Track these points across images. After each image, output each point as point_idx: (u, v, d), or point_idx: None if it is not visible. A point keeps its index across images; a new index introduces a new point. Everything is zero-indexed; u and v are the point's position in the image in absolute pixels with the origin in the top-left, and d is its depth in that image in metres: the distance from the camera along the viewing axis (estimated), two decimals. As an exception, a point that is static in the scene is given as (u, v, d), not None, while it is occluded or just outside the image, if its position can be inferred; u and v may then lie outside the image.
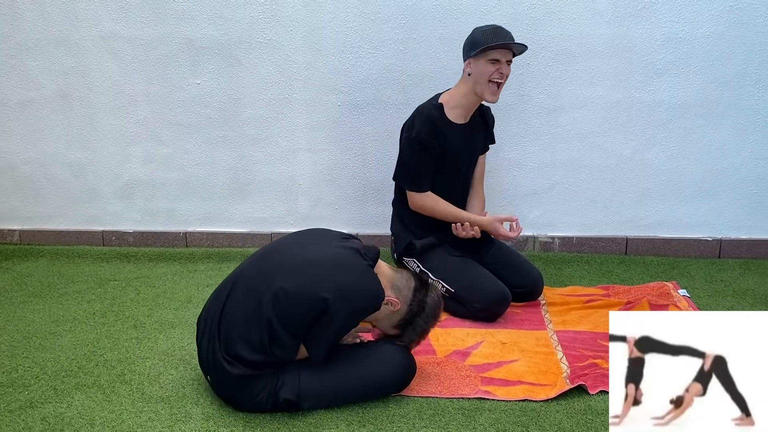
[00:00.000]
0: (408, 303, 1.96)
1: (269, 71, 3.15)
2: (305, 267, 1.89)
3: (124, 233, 3.42)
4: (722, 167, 3.13)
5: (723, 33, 2.97)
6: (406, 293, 1.97)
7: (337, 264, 1.90)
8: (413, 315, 1.97)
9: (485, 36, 2.48)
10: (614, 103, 3.08)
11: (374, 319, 1.99)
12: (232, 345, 1.86)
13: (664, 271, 3.05)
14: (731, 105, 3.05)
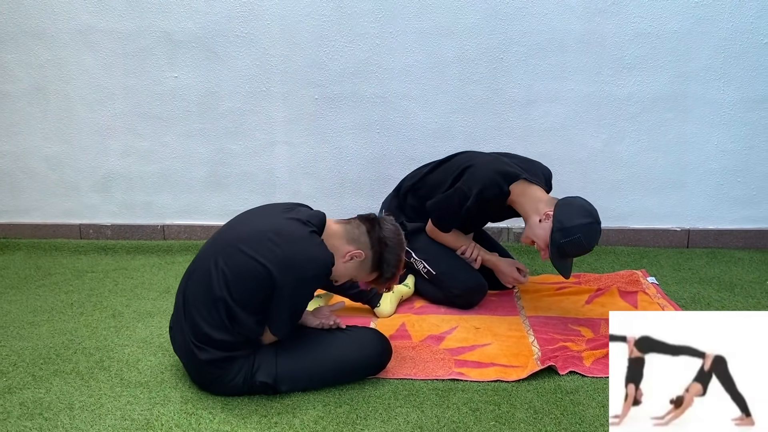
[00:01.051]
0: (370, 247, 1.96)
1: (246, 65, 3.18)
2: (246, 242, 1.87)
3: (102, 226, 3.42)
4: (690, 159, 3.22)
5: (690, 29, 3.06)
6: (364, 239, 1.96)
7: (278, 235, 1.87)
8: (380, 254, 1.96)
9: (569, 244, 2.21)
10: (585, 97, 3.16)
11: (350, 276, 2.01)
12: (198, 328, 1.89)
13: (634, 260, 3.13)
14: (698, 99, 3.14)
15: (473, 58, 3.12)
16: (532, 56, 3.11)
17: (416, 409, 1.89)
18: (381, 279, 2.01)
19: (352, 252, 1.95)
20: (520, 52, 3.11)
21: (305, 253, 1.86)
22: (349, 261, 1.96)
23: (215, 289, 1.86)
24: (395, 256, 1.98)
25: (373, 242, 1.96)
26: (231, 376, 1.91)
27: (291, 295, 1.87)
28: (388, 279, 2.01)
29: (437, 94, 3.17)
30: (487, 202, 2.44)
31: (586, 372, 2.07)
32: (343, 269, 1.97)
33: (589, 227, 2.22)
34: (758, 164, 3.20)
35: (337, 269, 1.96)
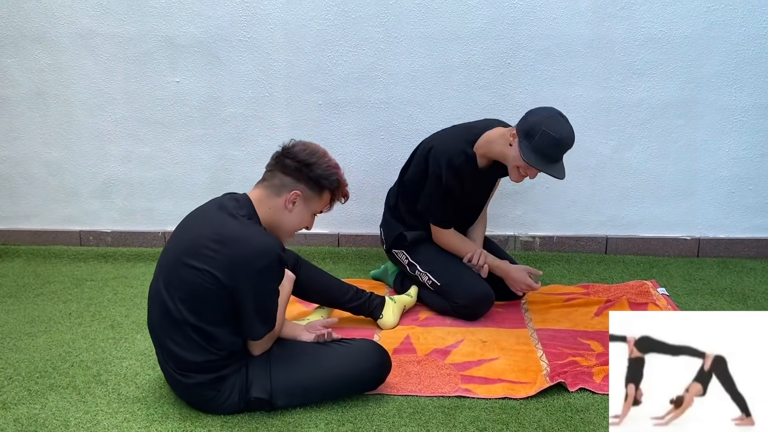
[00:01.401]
0: (297, 180, 1.86)
1: (249, 70, 3.13)
2: (188, 254, 1.78)
3: (102, 233, 3.37)
4: (700, 167, 3.16)
5: (701, 34, 2.99)
6: (287, 179, 1.86)
7: (215, 240, 1.77)
8: (309, 176, 1.86)
9: (539, 142, 2.22)
10: (594, 103, 3.09)
11: (310, 216, 1.93)
12: (176, 356, 1.82)
13: (643, 270, 3.07)
14: (709, 105, 3.08)
15: (480, 63, 3.06)
16: (540, 61, 3.05)
17: (422, 428, 1.83)
18: (336, 193, 1.93)
19: (288, 197, 1.86)
20: (527, 57, 3.05)
21: (247, 248, 1.75)
22: (293, 206, 1.88)
23: (175, 313, 1.79)
24: (323, 163, 1.88)
25: (295, 173, 1.86)
26: (225, 396, 1.85)
27: (252, 295, 1.77)
28: (337, 186, 1.92)
29: (443, 99, 3.12)
30: (460, 172, 2.44)
31: (596, 389, 2.01)
32: (297, 217, 1.90)
33: (549, 118, 2.24)
34: (771, 172, 3.13)
35: (292, 221, 1.90)
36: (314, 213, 1.95)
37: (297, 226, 1.93)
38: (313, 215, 1.95)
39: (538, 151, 2.23)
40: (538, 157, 2.23)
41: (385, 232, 2.73)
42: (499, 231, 3.27)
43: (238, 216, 1.82)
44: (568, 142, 2.26)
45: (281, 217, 1.89)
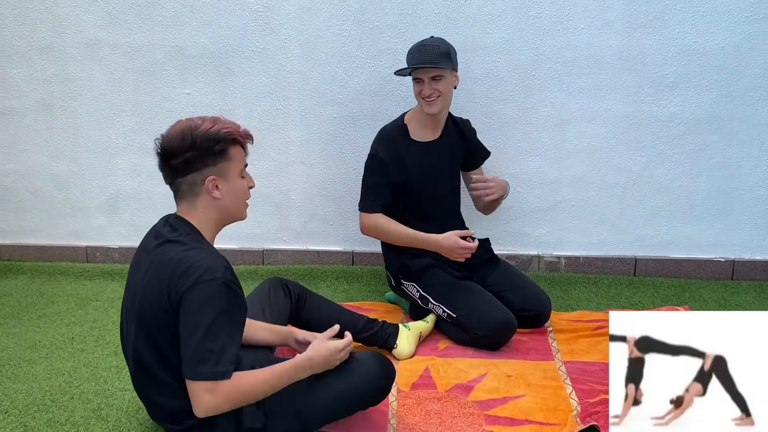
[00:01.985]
0: (196, 170, 1.67)
1: (262, 81, 3.01)
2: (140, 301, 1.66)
3: (109, 249, 3.26)
4: (736, 185, 2.99)
5: (738, 45, 2.83)
6: (188, 177, 1.68)
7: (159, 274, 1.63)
8: (198, 157, 1.66)
9: (408, 58, 2.43)
10: (623, 117, 2.94)
11: (239, 194, 1.73)
12: (158, 408, 1.71)
13: (674, 293, 2.91)
14: (746, 120, 2.91)
15: (503, 75, 2.92)
16: (567, 73, 2.90)
17: (444, 477, 1.69)
18: (238, 142, 1.71)
19: (206, 189, 1.67)
20: (553, 69, 2.90)
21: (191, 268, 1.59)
22: (219, 190, 1.69)
23: (145, 357, 1.66)
24: (199, 134, 1.65)
25: (190, 165, 1.67)
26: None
27: (187, 322, 1.57)
28: (233, 138, 1.69)
29: (463, 112, 2.95)
30: (394, 143, 2.47)
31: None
32: (231, 194, 1.71)
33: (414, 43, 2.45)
34: (811, 191, 2.96)
35: (231, 200, 1.72)
36: (241, 174, 1.74)
37: (240, 198, 1.74)
38: (241, 176, 1.74)
39: (408, 62, 2.42)
40: (408, 67, 2.40)
41: (387, 267, 2.61)
42: (522, 250, 3.12)
43: (176, 239, 1.68)
44: (432, 43, 2.41)
45: (221, 207, 1.71)
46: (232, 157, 1.71)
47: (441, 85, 2.41)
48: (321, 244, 3.20)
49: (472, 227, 2.89)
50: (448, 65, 2.40)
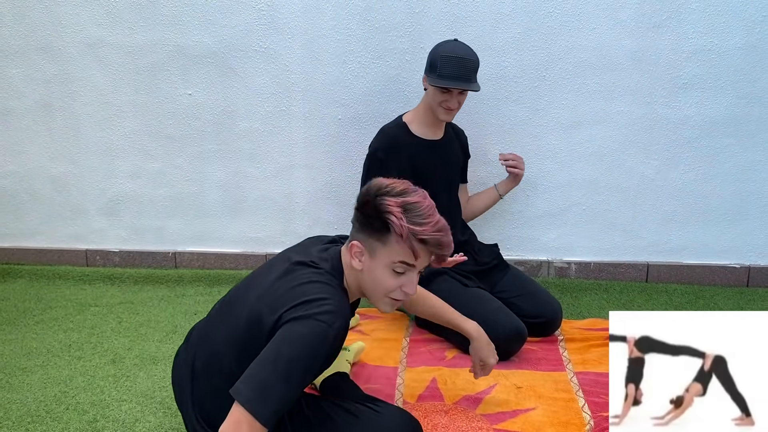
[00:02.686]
0: (353, 226, 1.56)
1: (265, 82, 2.94)
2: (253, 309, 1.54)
3: (110, 252, 3.20)
4: (752, 189, 2.91)
5: (755, 45, 2.75)
6: (355, 220, 1.56)
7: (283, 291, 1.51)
8: (367, 216, 1.51)
9: (441, 66, 2.33)
10: (636, 120, 2.86)
11: (381, 272, 1.51)
12: (205, 410, 1.59)
13: (688, 300, 2.83)
14: (763, 123, 2.83)
15: (512, 76, 2.84)
16: (579, 74, 2.83)
17: (452, 496, 1.61)
18: (407, 234, 1.46)
19: (351, 251, 1.54)
20: (564, 70, 2.82)
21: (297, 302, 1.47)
22: (357, 261, 1.53)
23: (224, 352, 1.56)
24: (377, 201, 1.48)
25: (354, 222, 1.56)
26: None
27: (268, 349, 1.43)
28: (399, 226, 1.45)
29: (472, 114, 2.90)
30: (396, 140, 2.43)
31: (648, 450, 1.78)
32: (369, 277, 1.53)
33: (442, 44, 2.38)
34: (830, 195, 2.87)
35: (367, 283, 1.55)
36: (392, 267, 1.51)
37: (377, 288, 1.54)
38: (394, 271, 1.51)
39: (446, 75, 2.32)
40: (448, 80, 2.32)
41: None
42: (531, 256, 3.04)
43: (318, 268, 1.55)
44: (471, 58, 2.35)
45: (359, 277, 1.56)
46: (388, 244, 1.50)
47: (463, 98, 2.42)
48: (325, 248, 3.13)
49: (479, 232, 2.82)
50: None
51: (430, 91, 2.41)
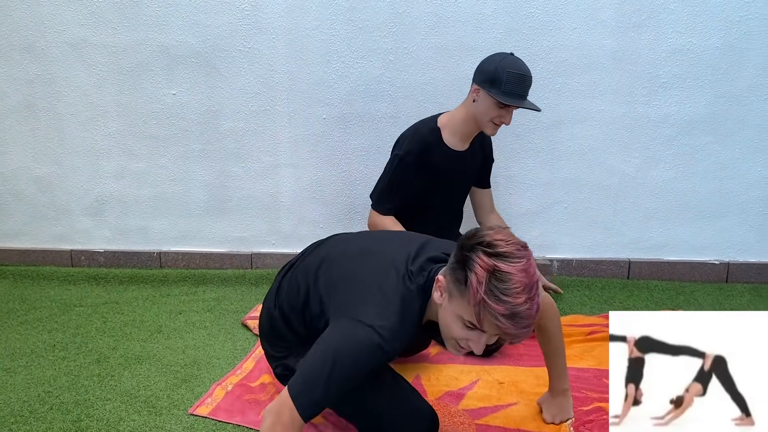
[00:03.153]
0: (448, 264, 1.45)
1: (250, 82, 2.95)
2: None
3: (94, 253, 3.20)
4: (730, 187, 2.95)
5: (732, 45, 2.79)
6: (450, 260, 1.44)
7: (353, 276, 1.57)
8: (456, 259, 1.40)
9: (507, 83, 2.25)
10: (617, 118, 2.90)
11: (452, 319, 1.43)
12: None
13: (669, 297, 2.87)
14: (741, 121, 2.88)
15: (495, 76, 2.87)
16: (559, 74, 2.86)
17: (433, 490, 1.64)
18: (477, 302, 1.34)
19: (436, 284, 1.48)
20: (545, 70, 2.86)
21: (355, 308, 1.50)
22: (441, 299, 1.46)
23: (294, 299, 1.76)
24: (470, 251, 1.37)
25: (451, 257, 1.43)
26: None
27: (318, 347, 1.45)
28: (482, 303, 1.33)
29: (455, 114, 2.92)
30: (427, 143, 2.37)
31: (627, 443, 1.81)
32: (443, 317, 1.46)
33: (506, 60, 2.28)
34: (806, 192, 2.93)
35: (441, 322, 1.48)
36: (462, 320, 1.41)
37: (445, 330, 1.47)
38: (464, 325, 1.41)
39: (510, 92, 2.26)
40: (517, 99, 2.27)
41: None
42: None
43: (402, 272, 1.53)
44: (530, 76, 2.31)
45: (436, 311, 1.51)
46: (463, 298, 1.40)
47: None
48: (310, 247, 3.14)
49: (464, 230, 2.84)
50: None
51: (484, 105, 2.31)
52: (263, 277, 3.03)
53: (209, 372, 2.23)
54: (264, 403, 2.02)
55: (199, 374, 2.21)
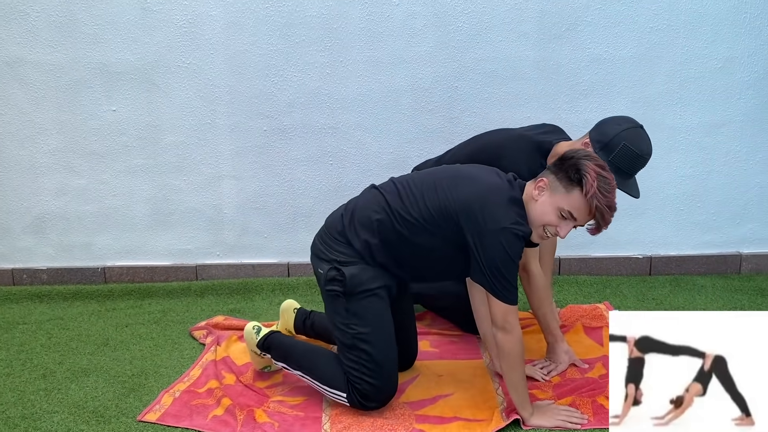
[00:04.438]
0: (550, 171, 1.88)
1: (190, 96, 3.01)
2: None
3: (37, 270, 3.19)
4: (649, 186, 3.15)
5: (644, 54, 3.01)
6: (543, 171, 1.92)
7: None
8: (561, 167, 1.85)
9: (625, 163, 2.06)
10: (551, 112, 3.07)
11: (555, 211, 1.84)
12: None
13: (597, 290, 3.05)
14: (656, 124, 3.07)
15: (427, 87, 3.02)
16: (487, 84, 3.02)
17: (375, 477, 1.74)
18: (588, 196, 1.78)
19: (537, 184, 1.88)
20: (474, 80, 3.02)
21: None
22: (539, 195, 1.87)
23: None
24: (580, 159, 1.81)
25: (550, 166, 1.90)
26: None
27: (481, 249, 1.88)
28: (591, 190, 1.77)
29: (391, 123, 3.06)
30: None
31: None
32: (540, 208, 1.87)
33: (629, 131, 2.07)
34: (716, 189, 3.16)
35: (535, 215, 1.88)
36: (561, 212, 1.84)
37: (539, 218, 1.87)
38: (560, 215, 1.84)
39: (616, 166, 2.03)
40: (618, 174, 2.02)
41: None
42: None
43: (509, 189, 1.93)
44: (648, 159, 2.11)
45: (529, 207, 1.90)
46: (570, 195, 1.83)
47: None
48: (255, 257, 3.21)
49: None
50: None
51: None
52: (208, 288, 3.08)
53: (157, 381, 2.28)
54: (211, 407, 2.09)
55: (147, 383, 2.26)
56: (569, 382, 2.19)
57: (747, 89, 3.05)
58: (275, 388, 2.21)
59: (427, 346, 2.49)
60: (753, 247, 3.23)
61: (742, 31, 2.99)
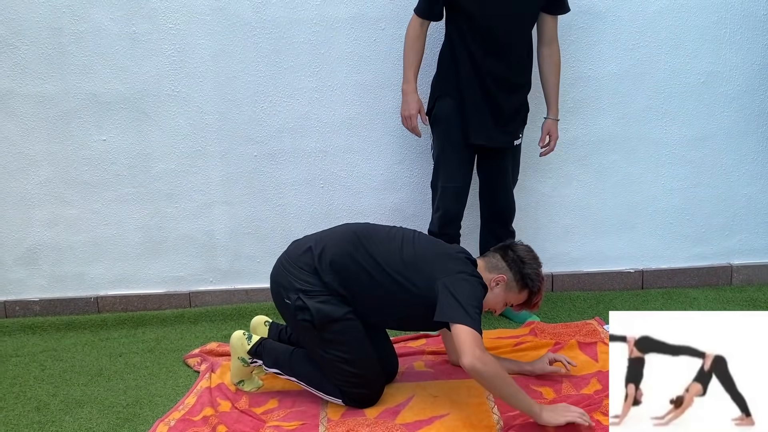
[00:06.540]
0: (509, 269, 2.14)
1: (180, 124, 3.03)
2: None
3: (29, 302, 3.18)
4: (638, 200, 3.19)
5: (628, 70, 3.05)
6: (502, 264, 2.15)
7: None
8: (520, 272, 2.13)
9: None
10: (530, 142, 3.09)
11: (503, 302, 2.16)
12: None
13: (590, 306, 3.06)
14: (642, 139, 3.13)
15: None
16: (475, 104, 3.05)
17: (372, 501, 1.73)
18: (531, 296, 2.16)
19: (495, 278, 2.13)
20: (462, 100, 3.04)
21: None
22: (495, 287, 2.14)
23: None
24: (534, 270, 2.14)
25: (510, 264, 2.14)
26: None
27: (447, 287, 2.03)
28: (535, 293, 2.15)
29: (380, 145, 3.09)
30: None
31: (550, 441, 1.95)
32: (493, 297, 2.14)
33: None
34: (704, 201, 3.19)
35: (488, 299, 2.13)
36: (506, 303, 2.18)
37: (492, 304, 2.17)
38: (505, 304, 2.18)
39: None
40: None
41: None
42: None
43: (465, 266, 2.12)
44: None
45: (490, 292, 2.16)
46: (520, 294, 2.18)
47: None
48: (249, 282, 3.21)
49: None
50: None
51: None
52: (202, 315, 3.08)
53: (152, 410, 2.27)
54: (207, 435, 2.08)
55: (142, 413, 2.25)
56: (565, 398, 2.19)
57: (730, 102, 3.09)
58: (271, 414, 2.21)
59: (422, 366, 2.49)
60: (743, 258, 3.25)
61: (723, 46, 3.04)
